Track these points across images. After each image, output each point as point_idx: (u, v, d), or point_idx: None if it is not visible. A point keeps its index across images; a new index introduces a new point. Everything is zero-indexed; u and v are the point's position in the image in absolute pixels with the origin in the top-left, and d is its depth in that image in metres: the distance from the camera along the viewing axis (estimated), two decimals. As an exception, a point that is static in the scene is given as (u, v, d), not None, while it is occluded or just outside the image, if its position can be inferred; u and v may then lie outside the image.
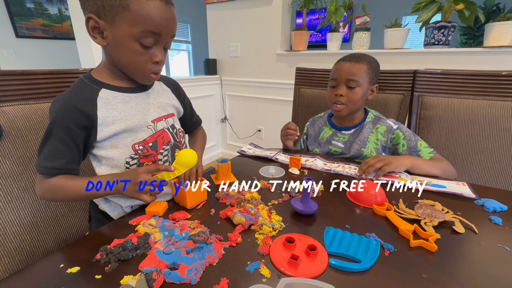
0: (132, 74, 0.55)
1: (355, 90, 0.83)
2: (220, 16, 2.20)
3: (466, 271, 0.39)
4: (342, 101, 0.84)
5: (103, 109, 0.53)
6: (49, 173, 0.51)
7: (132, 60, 0.51)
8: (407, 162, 0.72)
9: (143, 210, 0.54)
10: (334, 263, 0.39)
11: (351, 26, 4.27)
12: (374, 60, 0.86)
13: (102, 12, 0.47)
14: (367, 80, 0.83)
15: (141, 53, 0.50)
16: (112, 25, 0.48)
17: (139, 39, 0.48)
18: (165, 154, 0.61)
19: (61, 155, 0.51)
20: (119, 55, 0.51)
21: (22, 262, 0.60)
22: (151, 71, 0.54)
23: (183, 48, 5.02)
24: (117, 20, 0.47)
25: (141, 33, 0.48)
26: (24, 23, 3.08)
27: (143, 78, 0.56)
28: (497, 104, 0.85)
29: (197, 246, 0.42)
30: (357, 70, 0.82)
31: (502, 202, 0.56)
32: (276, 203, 0.58)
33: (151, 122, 0.59)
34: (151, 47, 0.51)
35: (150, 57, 0.51)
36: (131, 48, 0.49)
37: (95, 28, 0.49)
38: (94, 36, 0.50)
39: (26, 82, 0.63)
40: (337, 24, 1.75)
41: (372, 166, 0.69)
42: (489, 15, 2.73)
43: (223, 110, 2.47)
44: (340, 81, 0.84)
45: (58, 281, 0.36)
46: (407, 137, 0.81)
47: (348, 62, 0.83)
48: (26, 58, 3.17)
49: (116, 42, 0.49)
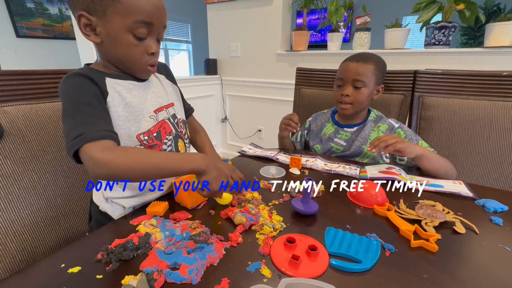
0: (129, 68, 0.55)
1: (361, 91, 0.83)
2: (221, 16, 2.20)
3: (467, 271, 0.39)
4: (348, 101, 0.85)
5: (110, 91, 0.52)
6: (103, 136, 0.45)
7: (128, 54, 0.51)
8: (419, 149, 0.71)
9: (144, 210, 0.55)
10: (334, 263, 0.39)
11: (352, 26, 4.27)
12: (381, 61, 0.86)
13: (93, 8, 0.47)
14: (374, 80, 0.83)
15: (135, 45, 0.50)
16: (104, 19, 0.48)
17: (132, 30, 0.49)
18: (169, 144, 0.61)
19: (101, 119, 0.47)
20: (114, 50, 0.51)
21: (23, 262, 0.60)
22: (148, 63, 0.54)
23: (183, 48, 5.02)
24: (108, 14, 0.47)
25: (134, 24, 0.48)
26: (25, 23, 3.09)
27: (141, 71, 0.56)
28: (498, 105, 0.85)
29: (198, 246, 0.42)
30: (364, 71, 0.82)
31: (502, 203, 0.56)
32: (276, 203, 0.58)
33: (153, 112, 0.59)
34: (145, 39, 0.51)
35: (145, 49, 0.52)
36: (126, 41, 0.49)
37: (87, 26, 0.49)
38: (87, 34, 0.49)
39: (27, 82, 0.63)
40: (337, 24, 1.75)
41: (385, 142, 0.69)
42: (490, 15, 2.73)
43: (223, 110, 2.47)
44: (346, 81, 0.84)
45: (59, 281, 0.36)
46: (408, 136, 0.82)
47: (356, 62, 0.83)
48: (27, 58, 3.17)
49: (110, 37, 0.49)
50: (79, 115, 0.46)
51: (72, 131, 0.44)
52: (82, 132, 0.44)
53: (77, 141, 0.43)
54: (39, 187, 0.63)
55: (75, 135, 0.43)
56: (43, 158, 0.64)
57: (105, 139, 0.45)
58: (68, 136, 0.44)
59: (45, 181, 0.64)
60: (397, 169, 0.72)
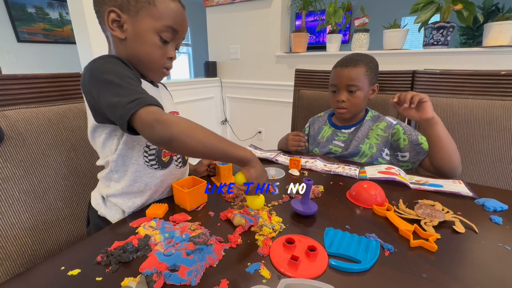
0: (146, 67, 0.56)
1: (356, 94, 0.84)
2: (220, 19, 2.21)
3: (466, 270, 0.39)
4: (344, 106, 0.85)
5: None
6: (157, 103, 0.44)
7: (150, 53, 0.54)
8: (436, 117, 0.72)
9: (144, 212, 0.55)
10: (334, 263, 0.39)
11: (350, 28, 4.29)
12: (371, 60, 0.85)
13: (126, 6, 0.50)
14: (367, 82, 0.84)
15: (159, 46, 0.54)
16: (135, 18, 0.51)
17: (160, 32, 0.52)
18: None
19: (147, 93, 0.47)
20: (137, 47, 0.53)
21: (23, 265, 0.60)
22: (165, 65, 0.57)
23: (183, 51, 5.04)
24: (140, 14, 0.51)
25: (163, 27, 0.52)
26: (26, 27, 3.11)
27: (156, 72, 0.58)
28: (497, 104, 0.85)
29: (197, 248, 0.42)
30: (356, 75, 0.82)
31: (502, 202, 0.56)
32: (276, 204, 0.58)
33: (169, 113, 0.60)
34: (168, 43, 0.55)
35: (165, 52, 0.55)
36: (152, 41, 0.52)
37: (115, 21, 0.51)
38: (112, 29, 0.52)
39: (28, 86, 0.63)
40: (336, 26, 1.76)
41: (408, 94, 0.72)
42: (488, 15, 2.74)
43: (223, 112, 2.47)
44: (340, 87, 0.85)
45: (59, 284, 0.37)
46: (407, 132, 0.82)
47: (346, 67, 0.83)
48: (28, 63, 3.19)
49: (136, 35, 0.52)
50: (128, 85, 0.45)
51: (125, 96, 0.43)
52: (138, 97, 0.43)
53: (134, 104, 0.42)
54: (39, 190, 0.63)
55: (131, 100, 0.42)
56: (43, 162, 0.64)
57: (159, 106, 0.45)
58: (120, 102, 0.43)
59: (45, 184, 0.65)
60: (397, 169, 0.72)
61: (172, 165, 0.60)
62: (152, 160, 0.57)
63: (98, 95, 0.46)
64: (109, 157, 0.55)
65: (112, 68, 0.48)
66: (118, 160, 0.55)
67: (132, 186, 0.56)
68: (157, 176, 0.58)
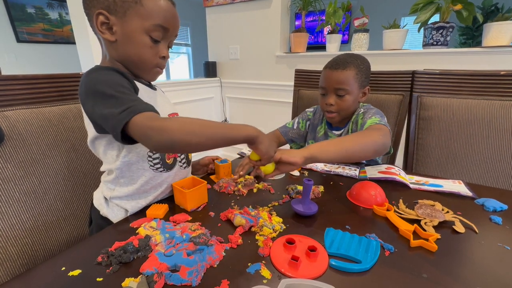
0: (139, 68, 0.55)
1: (344, 98, 0.79)
2: (220, 19, 2.21)
3: (466, 270, 0.39)
4: (332, 110, 0.81)
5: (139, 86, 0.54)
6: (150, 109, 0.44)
7: (141, 53, 0.53)
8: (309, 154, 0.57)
9: (144, 212, 0.55)
10: (334, 263, 0.39)
11: (350, 28, 4.29)
12: (362, 61, 0.81)
13: (113, 8, 0.49)
14: (357, 85, 0.79)
15: (150, 46, 0.52)
16: (123, 19, 0.50)
17: (150, 32, 0.51)
18: None
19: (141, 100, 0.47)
20: (128, 49, 0.52)
21: (24, 266, 0.60)
22: (158, 65, 0.56)
23: (183, 51, 5.04)
24: (128, 15, 0.49)
25: (153, 27, 0.51)
26: (25, 28, 3.11)
27: (149, 72, 0.57)
28: (496, 104, 0.85)
29: (198, 248, 0.42)
30: (345, 78, 0.78)
31: (502, 202, 0.56)
32: (276, 205, 0.58)
33: (168, 115, 0.60)
34: (159, 42, 0.53)
35: (157, 51, 0.54)
36: (141, 41, 0.51)
37: (104, 24, 0.50)
38: (102, 31, 0.51)
39: (28, 87, 0.63)
40: (335, 26, 1.76)
41: None
42: (488, 15, 2.74)
43: (223, 112, 2.47)
44: (328, 90, 0.81)
45: (60, 284, 0.37)
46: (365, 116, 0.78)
47: (335, 70, 0.79)
48: (27, 63, 3.19)
49: (126, 36, 0.51)
50: (120, 94, 0.45)
51: (117, 107, 0.43)
52: (129, 106, 0.43)
53: (125, 114, 0.42)
54: (39, 191, 0.63)
55: (122, 109, 0.42)
56: (44, 162, 0.64)
57: (153, 112, 0.45)
58: (111, 113, 0.43)
59: (46, 185, 0.65)
60: (397, 169, 0.72)
61: (176, 167, 0.60)
62: (157, 164, 0.57)
63: (93, 107, 0.46)
64: (112, 164, 0.55)
65: (105, 79, 0.48)
66: (123, 167, 0.55)
67: (138, 190, 0.57)
68: (163, 178, 0.58)
